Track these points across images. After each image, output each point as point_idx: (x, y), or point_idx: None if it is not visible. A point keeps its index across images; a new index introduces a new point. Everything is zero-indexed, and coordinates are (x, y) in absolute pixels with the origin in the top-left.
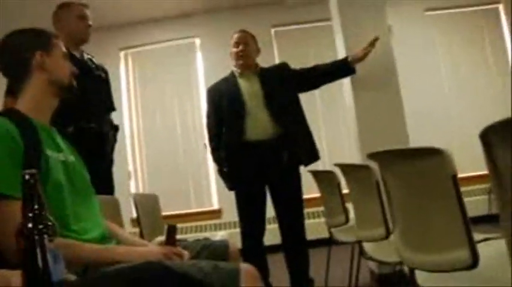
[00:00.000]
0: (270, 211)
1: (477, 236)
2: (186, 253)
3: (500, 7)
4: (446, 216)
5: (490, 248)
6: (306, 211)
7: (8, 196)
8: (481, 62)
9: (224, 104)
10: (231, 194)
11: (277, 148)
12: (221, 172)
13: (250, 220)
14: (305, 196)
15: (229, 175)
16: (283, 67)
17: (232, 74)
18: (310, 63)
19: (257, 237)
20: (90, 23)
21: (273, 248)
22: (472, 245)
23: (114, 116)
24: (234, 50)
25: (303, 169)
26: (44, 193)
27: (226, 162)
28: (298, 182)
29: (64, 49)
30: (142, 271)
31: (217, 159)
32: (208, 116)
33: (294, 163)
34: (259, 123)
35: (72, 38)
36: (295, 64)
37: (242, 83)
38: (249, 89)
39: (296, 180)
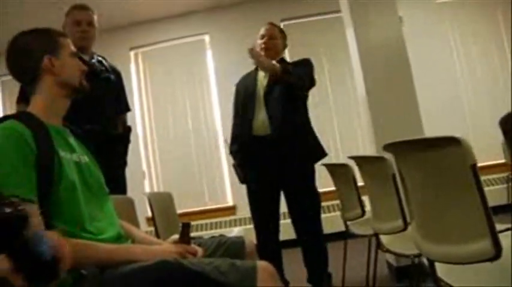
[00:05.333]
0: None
1: (497, 227)
2: (200, 250)
3: None
4: (466, 206)
5: (509, 239)
6: (321, 204)
7: (26, 200)
8: (495, 51)
9: (241, 98)
10: (245, 190)
11: (287, 144)
12: (234, 165)
13: (262, 216)
14: (320, 190)
15: (241, 168)
16: (301, 63)
17: (255, 68)
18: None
19: (271, 232)
20: (86, 28)
21: (290, 243)
22: (494, 236)
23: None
24: (259, 41)
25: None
26: (57, 193)
27: (238, 155)
28: (310, 176)
29: (72, 47)
30: (158, 270)
31: (232, 152)
32: (233, 111)
33: (304, 158)
34: (271, 118)
35: (74, 44)
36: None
37: (262, 78)
38: (266, 83)
39: (307, 175)
